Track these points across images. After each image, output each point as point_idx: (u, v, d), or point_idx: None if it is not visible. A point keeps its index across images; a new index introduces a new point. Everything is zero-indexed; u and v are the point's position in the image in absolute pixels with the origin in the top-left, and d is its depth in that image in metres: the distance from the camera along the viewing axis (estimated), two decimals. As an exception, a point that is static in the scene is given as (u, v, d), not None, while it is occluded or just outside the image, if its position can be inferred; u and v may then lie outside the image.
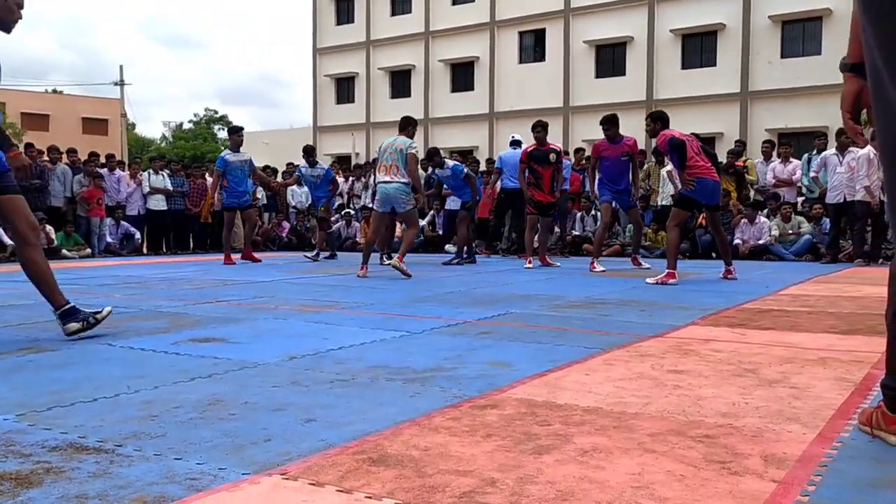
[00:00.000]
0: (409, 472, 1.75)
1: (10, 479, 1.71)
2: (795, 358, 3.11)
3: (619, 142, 8.32)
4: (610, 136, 8.31)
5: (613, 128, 8.32)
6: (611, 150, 8.32)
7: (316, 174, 10.77)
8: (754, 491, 1.61)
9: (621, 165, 8.42)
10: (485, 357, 3.19)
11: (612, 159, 8.35)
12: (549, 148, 9.10)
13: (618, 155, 8.33)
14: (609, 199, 8.45)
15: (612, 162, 8.37)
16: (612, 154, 8.33)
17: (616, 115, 8.54)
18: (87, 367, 3.04)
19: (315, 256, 10.77)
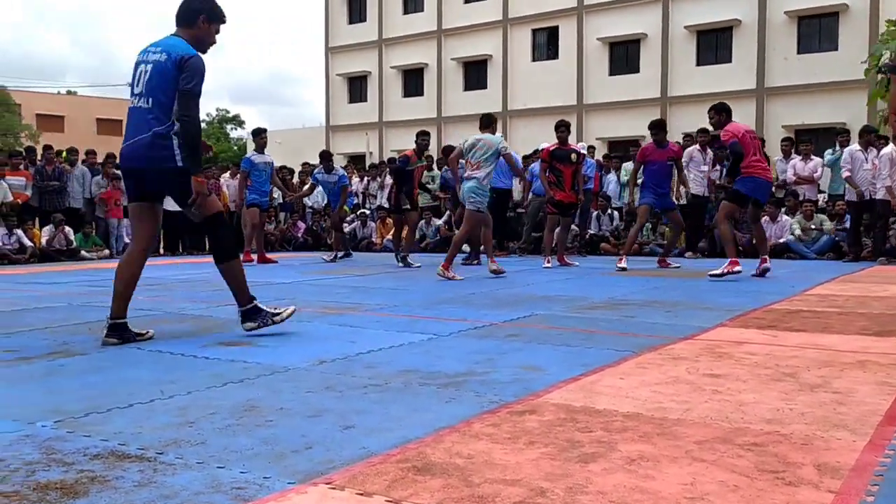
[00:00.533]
0: (456, 480, 1.73)
1: (55, 489, 1.70)
2: (833, 361, 3.06)
3: (665, 147, 8.47)
4: (658, 140, 8.47)
5: (662, 133, 8.50)
6: (657, 154, 8.46)
7: (332, 180, 10.69)
8: (812, 502, 1.58)
9: (667, 169, 8.60)
10: (516, 360, 3.16)
11: (658, 163, 8.48)
12: (570, 148, 9.10)
13: (664, 159, 8.50)
14: (650, 201, 8.49)
15: (658, 166, 8.50)
16: (659, 158, 8.47)
17: (664, 120, 8.69)
18: (119, 371, 3.04)
19: (333, 258, 10.75)
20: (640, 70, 27.26)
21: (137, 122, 3.70)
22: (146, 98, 3.67)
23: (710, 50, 26.20)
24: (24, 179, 11.69)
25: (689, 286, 6.41)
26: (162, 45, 3.73)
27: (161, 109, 3.66)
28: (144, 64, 3.71)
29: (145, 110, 3.68)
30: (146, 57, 3.73)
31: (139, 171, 3.72)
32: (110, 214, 12.44)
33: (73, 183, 12.25)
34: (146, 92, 3.67)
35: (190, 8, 3.81)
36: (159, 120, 3.66)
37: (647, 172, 8.57)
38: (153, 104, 3.66)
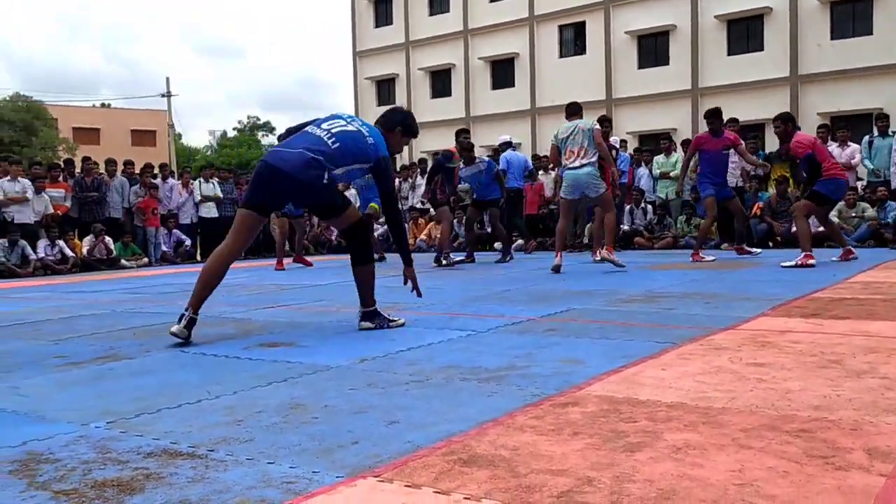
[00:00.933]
0: (503, 472, 1.74)
1: (112, 486, 1.75)
2: (879, 347, 3.01)
3: (720, 135, 8.41)
4: (714, 129, 8.41)
5: (718, 121, 8.45)
6: (713, 143, 8.40)
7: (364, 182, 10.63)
8: (863, 486, 1.56)
9: (723, 158, 8.55)
10: (555, 354, 3.16)
11: (713, 152, 8.43)
12: (610, 143, 9.12)
13: (719, 148, 8.43)
14: (712, 192, 8.44)
15: (712, 155, 8.45)
16: (714, 147, 8.41)
17: (720, 108, 8.63)
18: (166, 373, 3.10)
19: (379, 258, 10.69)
20: (670, 62, 26.99)
21: (309, 140, 3.94)
22: (332, 137, 3.95)
23: (741, 39, 25.83)
24: (64, 191, 11.96)
25: (728, 277, 6.34)
26: (368, 127, 4.11)
27: (329, 154, 3.91)
28: (346, 121, 4.07)
29: (322, 140, 3.93)
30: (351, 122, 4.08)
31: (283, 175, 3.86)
32: (148, 223, 12.67)
33: (111, 193, 12.50)
34: (336, 135, 3.96)
35: (393, 119, 4.29)
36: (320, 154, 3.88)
37: (702, 162, 8.51)
38: (332, 146, 3.92)
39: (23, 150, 34.86)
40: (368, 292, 4.17)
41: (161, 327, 4.52)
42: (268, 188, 3.93)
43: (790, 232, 10.70)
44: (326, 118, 4.13)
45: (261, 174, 3.94)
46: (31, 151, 34.65)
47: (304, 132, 4.05)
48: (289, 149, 3.93)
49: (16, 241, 10.83)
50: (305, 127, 4.11)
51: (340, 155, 3.94)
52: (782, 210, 11.08)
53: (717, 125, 8.39)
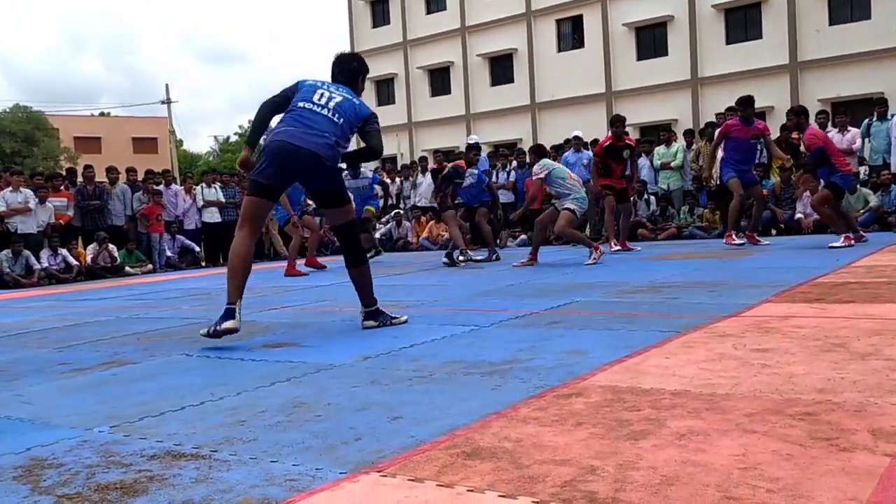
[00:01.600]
0: (506, 463, 1.73)
1: (116, 489, 1.75)
2: (884, 330, 3.00)
3: (751, 124, 8.32)
4: (745, 116, 8.31)
5: (749, 109, 8.37)
6: (742, 131, 8.31)
7: (360, 185, 10.58)
8: (868, 466, 1.55)
9: (750, 147, 8.45)
10: (559, 346, 3.15)
11: (741, 140, 8.33)
12: (624, 143, 9.07)
13: (748, 136, 8.34)
14: (734, 175, 8.34)
15: (740, 143, 8.34)
16: (743, 135, 8.32)
17: (752, 96, 8.55)
18: (169, 377, 3.10)
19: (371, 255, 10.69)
20: (669, 53, 26.91)
21: (321, 122, 3.92)
22: (333, 113, 3.95)
23: (739, 27, 25.75)
24: (66, 200, 11.97)
25: (732, 266, 6.32)
26: (343, 89, 4.09)
27: (342, 131, 3.96)
28: (327, 90, 4.01)
29: (331, 120, 3.94)
30: (329, 88, 4.03)
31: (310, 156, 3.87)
32: (152, 229, 12.67)
33: (113, 201, 12.51)
34: (335, 110, 3.96)
35: (353, 70, 4.24)
36: (335, 136, 3.93)
37: (727, 148, 8.43)
38: (339, 123, 3.95)
39: (24, 160, 34.96)
40: (368, 292, 4.16)
41: (166, 332, 4.53)
42: (287, 169, 3.91)
43: (793, 219, 10.68)
44: (307, 90, 4.00)
45: (281, 154, 3.86)
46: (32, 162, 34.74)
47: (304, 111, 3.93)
48: (306, 129, 3.87)
49: (19, 251, 10.85)
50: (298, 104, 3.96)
51: (344, 130, 3.97)
52: (786, 197, 11.05)
53: (749, 112, 8.28)
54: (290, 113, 3.97)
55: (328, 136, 3.89)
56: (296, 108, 3.96)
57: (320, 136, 3.88)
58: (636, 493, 1.50)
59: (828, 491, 1.44)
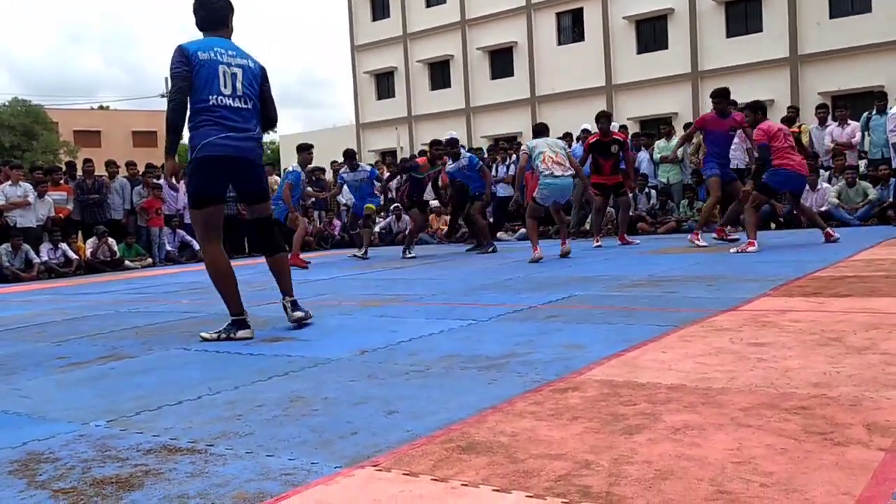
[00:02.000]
0: (501, 458, 1.74)
1: (111, 483, 1.75)
2: (881, 324, 3.00)
3: (727, 116, 8.28)
4: (720, 109, 8.24)
5: (725, 102, 8.27)
6: (719, 124, 8.23)
7: (359, 178, 10.54)
8: (862, 461, 1.55)
9: (728, 140, 8.43)
10: (557, 340, 3.15)
11: (718, 133, 8.26)
12: (611, 139, 9.06)
13: (726, 129, 8.28)
14: (718, 172, 8.27)
15: (717, 136, 8.27)
16: (720, 128, 8.24)
17: (728, 89, 8.46)
18: (167, 371, 3.11)
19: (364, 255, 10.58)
20: (669, 46, 26.85)
21: (244, 118, 3.88)
22: (246, 100, 3.90)
23: (739, 20, 25.68)
24: (66, 194, 11.96)
25: (731, 260, 6.32)
26: (236, 51, 3.95)
27: (257, 114, 3.97)
28: (228, 66, 3.87)
29: (248, 111, 3.91)
30: (225, 59, 3.87)
31: (247, 163, 3.89)
32: (151, 223, 12.66)
33: (112, 195, 12.50)
34: (246, 95, 3.90)
35: (224, 16, 4.03)
36: (257, 125, 3.96)
37: (708, 143, 8.40)
38: (253, 109, 3.93)
39: (24, 154, 34.92)
40: (290, 279, 4.18)
41: (164, 326, 4.54)
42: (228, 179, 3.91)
43: (791, 213, 10.67)
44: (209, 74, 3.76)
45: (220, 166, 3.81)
46: (32, 156, 34.69)
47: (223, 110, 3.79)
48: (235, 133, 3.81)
49: (19, 245, 10.85)
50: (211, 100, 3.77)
51: (258, 109, 3.97)
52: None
53: (723, 105, 8.23)
54: (210, 114, 3.77)
55: (254, 131, 3.91)
56: (213, 108, 3.77)
57: (250, 138, 3.87)
58: (630, 487, 1.50)
59: (821, 485, 1.44)
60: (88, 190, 12.19)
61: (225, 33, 4.00)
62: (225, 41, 3.96)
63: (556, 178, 7.74)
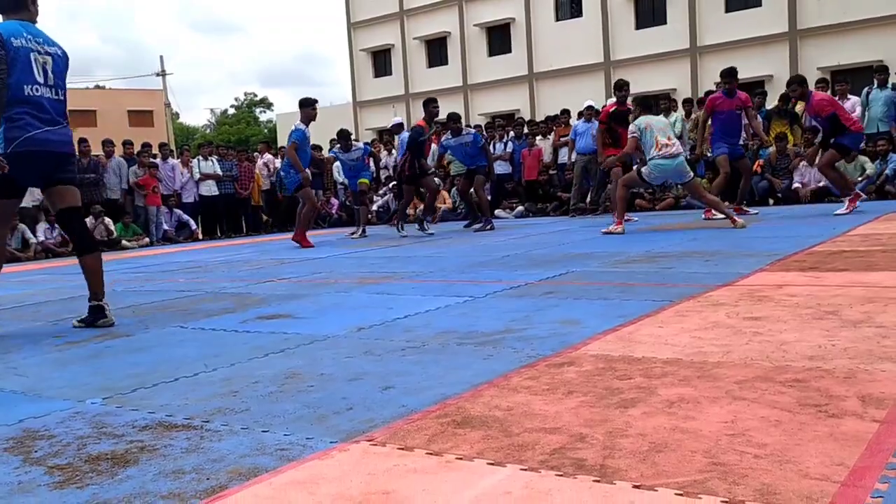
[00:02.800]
0: (496, 432, 1.74)
1: (106, 460, 1.75)
2: (877, 297, 3.00)
3: (734, 96, 8.36)
4: (729, 89, 8.33)
5: (734, 80, 8.37)
6: (726, 103, 8.34)
7: (354, 157, 10.43)
8: (856, 432, 1.56)
9: (736, 119, 8.49)
10: (553, 316, 3.15)
11: (727, 112, 8.38)
12: (628, 108, 9.00)
13: (733, 108, 8.39)
14: (725, 150, 8.37)
15: (727, 115, 8.38)
16: (728, 107, 8.36)
17: (736, 68, 8.54)
18: (163, 349, 3.11)
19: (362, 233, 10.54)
20: (668, 22, 26.63)
21: (56, 109, 3.79)
22: (56, 90, 3.81)
23: (739, -5, 25.48)
24: None
25: (729, 235, 6.31)
26: (44, 38, 3.80)
27: (66, 108, 3.90)
28: (39, 54, 3.70)
29: (60, 102, 3.84)
30: (35, 46, 3.69)
31: (64, 157, 3.85)
32: (148, 201, 12.63)
33: (108, 175, 12.45)
34: (57, 84, 3.81)
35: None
36: (67, 117, 3.90)
37: (716, 122, 8.45)
38: (64, 100, 3.88)
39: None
40: (102, 280, 3.94)
41: (161, 304, 4.53)
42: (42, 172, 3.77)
43: (790, 188, 10.66)
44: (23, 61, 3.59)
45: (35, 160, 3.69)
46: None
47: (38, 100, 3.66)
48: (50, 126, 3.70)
49: (15, 225, 10.82)
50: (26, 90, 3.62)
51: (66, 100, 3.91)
52: (782, 167, 11.01)
53: (732, 85, 8.31)
54: (26, 106, 3.63)
55: (64, 123, 3.84)
56: (28, 99, 3.63)
57: (62, 131, 3.81)
58: (624, 459, 1.50)
59: (815, 456, 1.44)
60: (84, 169, 12.13)
61: (29, 16, 3.78)
62: (32, 26, 3.76)
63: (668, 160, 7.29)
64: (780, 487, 1.31)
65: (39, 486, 1.61)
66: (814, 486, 1.31)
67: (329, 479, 1.52)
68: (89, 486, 1.59)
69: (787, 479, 1.35)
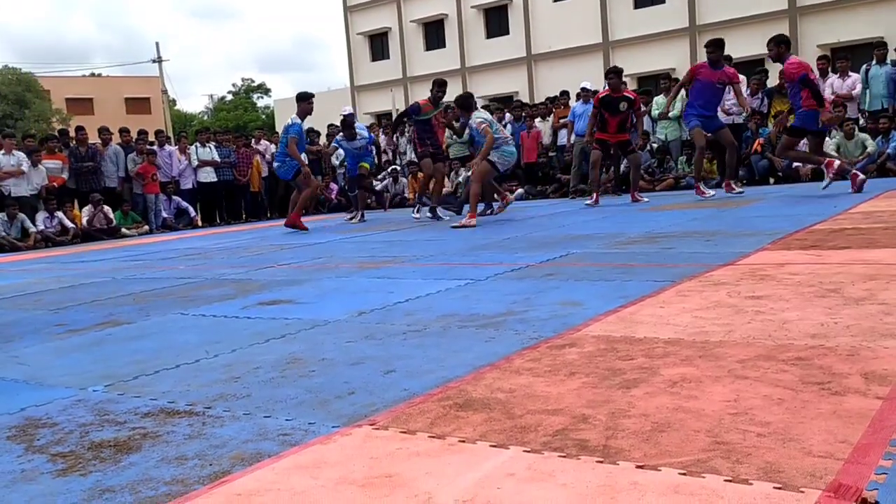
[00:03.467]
0: (498, 414, 1.74)
1: (109, 447, 1.75)
2: (879, 274, 2.99)
3: (719, 68, 8.17)
4: (713, 59, 8.15)
5: (719, 51, 8.19)
6: (709, 74, 8.15)
7: (357, 146, 10.35)
8: (859, 409, 1.55)
9: (715, 92, 8.30)
10: (554, 298, 3.15)
11: (706, 83, 8.18)
12: (621, 95, 8.93)
13: (714, 80, 8.18)
14: (697, 123, 8.23)
15: (705, 86, 8.19)
16: (710, 78, 8.16)
17: (723, 39, 8.34)
18: (164, 336, 3.10)
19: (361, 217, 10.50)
20: (666, 0, 26.45)
21: None
22: None
23: (737, -28, 25.26)
24: (61, 162, 11.87)
25: (729, 215, 6.30)
26: None
27: None
28: None
29: None
30: None
31: None
32: (147, 189, 12.59)
33: (106, 163, 12.41)
34: None
35: None
36: None
37: (692, 91, 8.30)
38: None
39: (17, 123, 34.59)
40: None
41: (162, 292, 4.53)
42: None
43: (790, 167, 10.62)
44: None
45: None
46: (24, 124, 34.36)
47: None
48: None
49: (14, 214, 10.81)
50: None
51: None
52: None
53: (717, 55, 8.12)
54: None
55: None
56: None
57: None
58: (627, 440, 1.50)
59: (818, 434, 1.44)
60: (82, 158, 12.10)
61: None
62: None
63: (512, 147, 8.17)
64: (783, 465, 1.31)
65: (42, 474, 1.61)
66: (817, 463, 1.31)
67: (332, 464, 1.52)
68: (92, 474, 1.59)
69: (791, 456, 1.34)
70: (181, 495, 1.43)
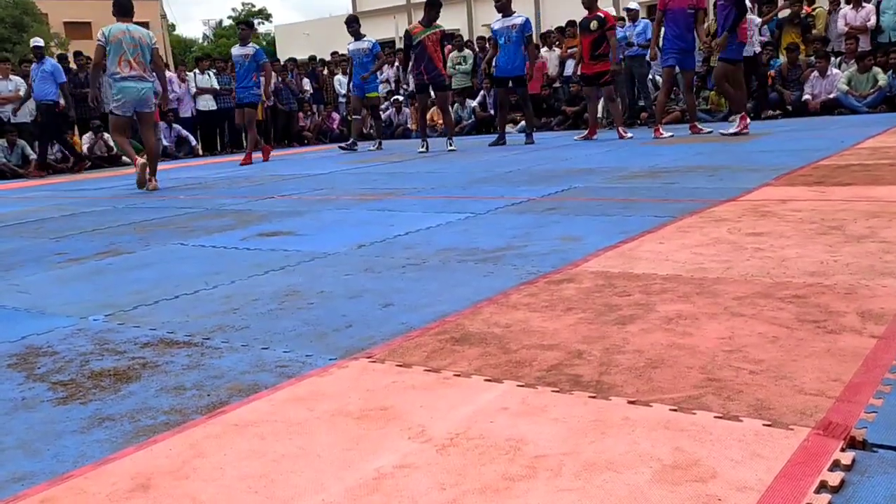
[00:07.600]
0: (494, 348, 1.75)
1: (109, 376, 1.77)
2: (882, 212, 2.97)
3: None
4: None
5: None
6: (678, 1, 7.83)
7: (361, 48, 10.30)
8: (854, 347, 1.56)
9: (687, 19, 7.92)
10: (554, 233, 3.14)
11: (677, 11, 7.86)
12: (592, 16, 8.60)
13: (684, 7, 7.85)
14: (672, 63, 7.97)
15: (676, 14, 7.87)
16: (679, 6, 7.84)
17: None
18: (164, 266, 3.11)
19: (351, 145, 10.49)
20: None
21: None
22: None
23: None
24: None
25: (734, 150, 6.23)
26: None
27: None
28: None
29: None
30: None
31: None
32: (146, 118, 12.43)
33: (105, 88, 12.21)
34: None
35: None
36: None
37: (666, 23, 7.95)
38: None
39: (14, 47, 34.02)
40: None
41: (162, 221, 4.53)
42: None
43: (800, 100, 10.46)
44: None
45: None
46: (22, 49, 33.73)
47: None
48: None
49: (14, 141, 10.72)
50: None
51: None
52: (793, 78, 10.77)
53: None
54: None
55: None
56: None
57: None
58: (620, 375, 1.51)
59: (811, 372, 1.45)
60: (81, 84, 11.93)
61: None
62: None
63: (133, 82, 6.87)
64: (774, 403, 1.32)
65: (43, 402, 1.64)
66: (808, 401, 1.32)
67: (328, 396, 1.54)
68: (92, 402, 1.61)
69: (782, 394, 1.35)
70: (179, 425, 1.45)
